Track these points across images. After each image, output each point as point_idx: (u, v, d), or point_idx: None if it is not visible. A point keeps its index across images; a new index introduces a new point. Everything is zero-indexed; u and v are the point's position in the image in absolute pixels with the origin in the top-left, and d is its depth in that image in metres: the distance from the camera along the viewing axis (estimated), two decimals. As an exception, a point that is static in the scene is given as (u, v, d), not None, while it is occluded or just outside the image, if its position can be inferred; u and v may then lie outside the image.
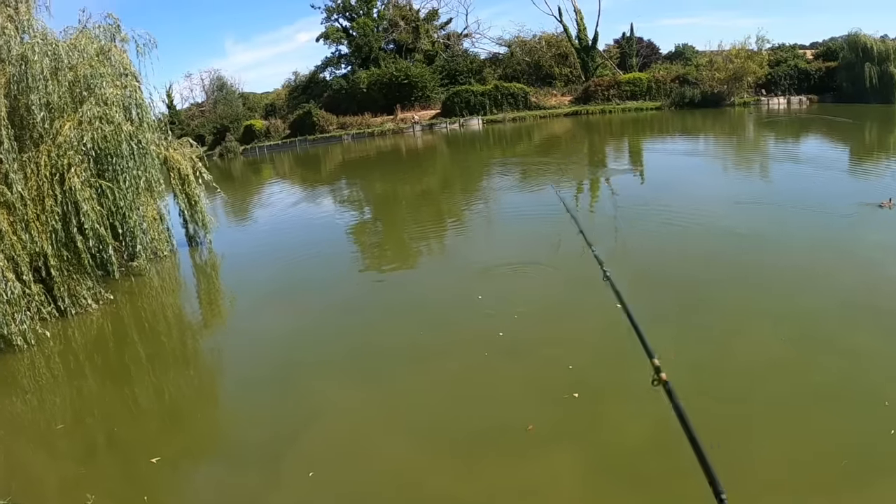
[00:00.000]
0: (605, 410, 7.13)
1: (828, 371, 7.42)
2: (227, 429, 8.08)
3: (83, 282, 12.23)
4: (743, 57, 43.89)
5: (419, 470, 6.49)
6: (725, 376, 7.54)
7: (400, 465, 6.56)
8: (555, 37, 55.19)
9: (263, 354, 9.96)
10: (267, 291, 13.14)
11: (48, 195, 11.63)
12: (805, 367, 7.60)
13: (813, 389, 7.09)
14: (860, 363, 7.46)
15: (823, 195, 16.30)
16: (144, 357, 10.55)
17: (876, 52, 39.46)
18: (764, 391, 7.08)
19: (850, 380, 7.16)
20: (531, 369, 8.20)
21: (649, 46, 60.15)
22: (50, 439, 8.08)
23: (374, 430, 7.29)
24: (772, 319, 8.88)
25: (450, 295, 11.51)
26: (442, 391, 8.04)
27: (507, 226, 16.97)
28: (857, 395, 6.85)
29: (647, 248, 13.03)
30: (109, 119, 12.38)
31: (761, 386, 7.19)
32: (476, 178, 27.32)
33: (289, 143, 50.41)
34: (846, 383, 7.10)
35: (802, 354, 7.91)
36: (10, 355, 10.43)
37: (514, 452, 6.48)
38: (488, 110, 49.16)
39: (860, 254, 11.47)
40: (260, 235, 19.88)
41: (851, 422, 6.36)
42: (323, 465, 6.68)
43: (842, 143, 27.50)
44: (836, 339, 8.17)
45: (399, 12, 57.14)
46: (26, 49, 12.04)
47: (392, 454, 6.75)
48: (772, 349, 8.02)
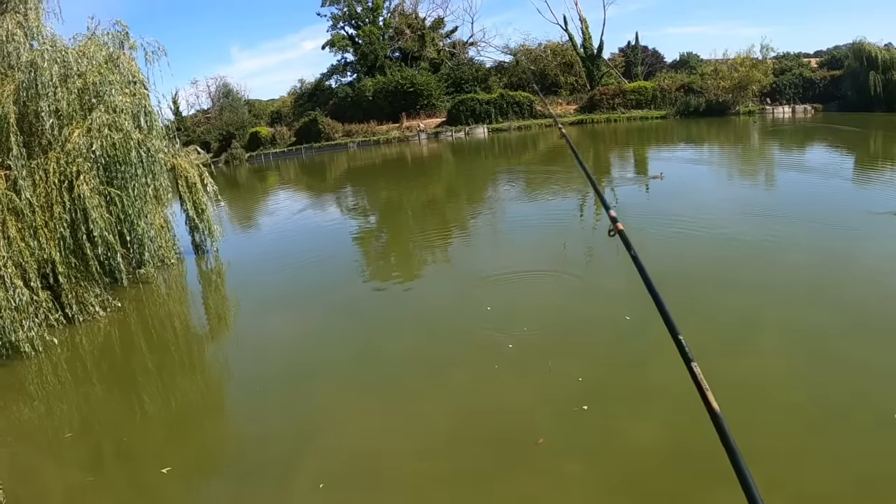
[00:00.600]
0: (615, 423, 7.07)
1: (837, 387, 7.35)
2: (235, 438, 8.02)
3: (91, 289, 12.24)
4: (748, 66, 43.90)
5: (429, 484, 6.42)
6: (732, 390, 7.49)
7: (410, 479, 6.49)
8: (560, 45, 55.35)
9: (270, 363, 9.91)
10: (273, 299, 13.13)
11: (57, 202, 11.64)
12: (813, 383, 7.54)
13: (823, 405, 7.02)
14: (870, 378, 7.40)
15: (832, 205, 16.26)
16: (152, 365, 10.51)
17: (881, 61, 39.46)
18: (771, 405, 7.03)
19: (860, 396, 7.09)
20: (540, 381, 8.13)
21: (654, 55, 60.21)
22: (58, 447, 8.05)
23: (383, 441, 7.24)
24: (780, 332, 8.82)
25: (457, 305, 11.47)
26: (451, 402, 7.98)
27: (514, 234, 16.94)
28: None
29: (654, 255, 13.00)
30: (118, 127, 12.40)
31: (769, 400, 7.14)
32: (482, 186, 27.33)
33: (294, 151, 50.53)
34: (856, 399, 7.02)
35: (809, 368, 7.85)
36: (18, 362, 10.42)
37: (525, 466, 6.42)
38: (494, 119, 49.25)
39: (870, 265, 11.39)
40: (266, 242, 19.90)
41: (862, 439, 6.27)
42: (333, 477, 6.61)
43: (849, 151, 27.42)
44: (847, 353, 8.11)
45: (405, 20, 57.37)
46: (36, 56, 12.09)
47: (402, 466, 6.69)
48: (779, 363, 7.97)
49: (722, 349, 8.31)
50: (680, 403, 7.14)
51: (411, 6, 58.99)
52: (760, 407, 6.89)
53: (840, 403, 6.97)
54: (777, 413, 6.84)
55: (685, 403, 7.05)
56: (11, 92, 11.89)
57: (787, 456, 6.04)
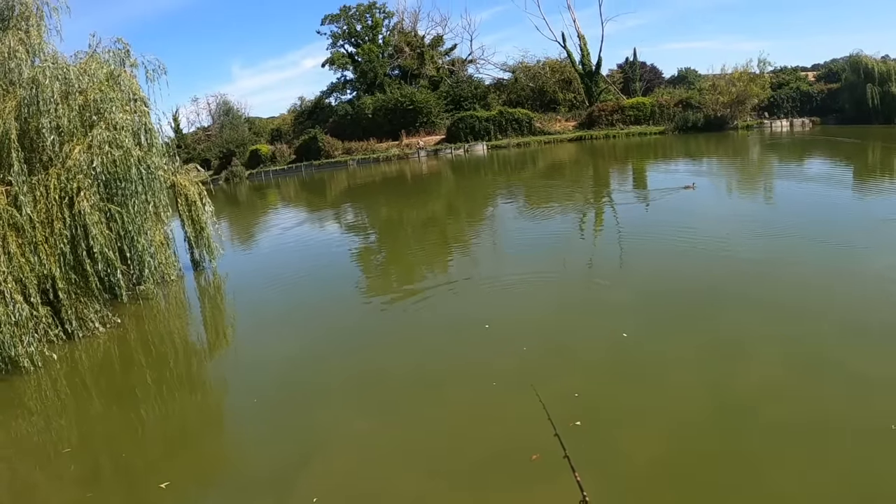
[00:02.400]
0: (609, 438, 7.01)
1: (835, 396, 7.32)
2: (233, 454, 8.00)
3: (91, 305, 12.23)
4: (745, 80, 44.25)
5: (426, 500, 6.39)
6: (731, 399, 7.47)
7: (405, 496, 6.47)
8: (559, 62, 55.85)
9: (268, 378, 9.88)
10: (271, 316, 13.12)
11: (57, 218, 11.66)
12: (812, 393, 7.51)
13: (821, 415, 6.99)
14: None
15: (834, 215, 16.31)
16: (151, 381, 10.46)
17: (877, 73, 39.74)
18: (769, 417, 7.00)
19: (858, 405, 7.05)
20: (536, 398, 8.03)
21: (652, 71, 60.67)
22: (56, 462, 8.01)
23: (378, 458, 7.21)
24: (779, 343, 8.79)
25: (455, 321, 11.44)
26: (447, 420, 7.92)
27: (513, 252, 16.87)
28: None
29: (656, 267, 13.02)
30: (119, 143, 12.45)
31: (766, 412, 7.11)
32: (481, 204, 27.37)
33: (294, 168, 50.76)
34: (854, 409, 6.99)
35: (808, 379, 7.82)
36: (17, 377, 10.39)
37: (520, 483, 6.38)
38: (493, 136, 49.48)
39: (873, 274, 11.36)
40: (265, 259, 19.91)
41: (861, 448, 6.24)
42: (328, 494, 6.57)
43: (848, 163, 27.52)
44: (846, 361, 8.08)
45: (404, 38, 57.88)
46: (37, 72, 12.17)
47: (398, 484, 6.66)
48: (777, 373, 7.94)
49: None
50: (674, 418, 7.14)
51: (410, 24, 59.70)
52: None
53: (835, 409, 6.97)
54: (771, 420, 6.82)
55: (679, 418, 7.09)
56: (13, 108, 11.96)
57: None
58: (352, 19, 57.41)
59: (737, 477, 5.99)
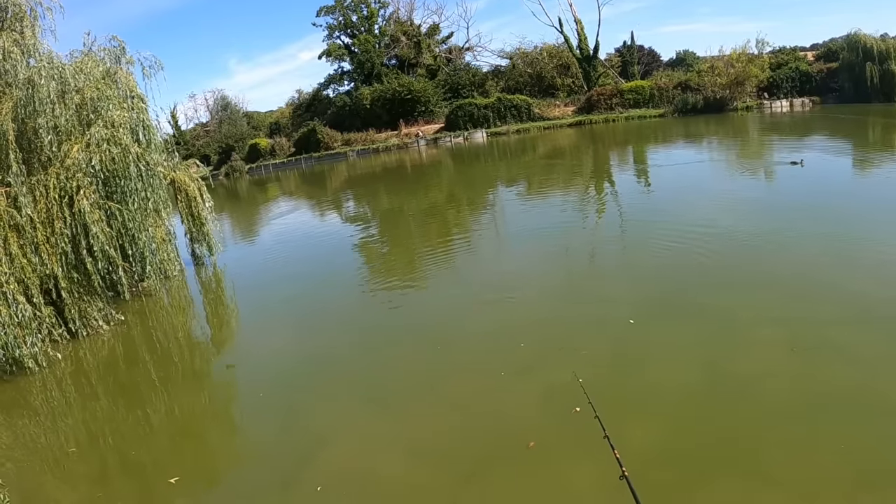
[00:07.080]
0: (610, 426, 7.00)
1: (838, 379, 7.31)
2: (239, 450, 8.05)
3: (93, 303, 12.25)
4: (744, 61, 43.96)
5: (428, 492, 6.42)
6: (733, 383, 7.46)
7: (407, 486, 6.50)
8: (556, 48, 55.58)
9: (273, 374, 9.91)
10: (275, 311, 13.15)
11: (57, 217, 11.66)
12: (815, 375, 7.50)
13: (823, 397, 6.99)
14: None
15: (836, 197, 16.25)
16: (156, 378, 10.51)
17: (876, 52, 39.40)
18: (773, 399, 7.00)
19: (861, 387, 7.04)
20: (538, 388, 8.03)
21: (650, 54, 60.31)
22: (64, 462, 8.06)
23: (383, 448, 7.25)
24: (781, 326, 8.76)
25: (458, 314, 11.41)
26: (448, 412, 7.93)
27: (515, 241, 16.83)
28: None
29: (658, 262, 12.99)
30: (117, 141, 12.43)
31: (769, 393, 7.12)
32: (482, 191, 27.31)
33: (294, 161, 50.73)
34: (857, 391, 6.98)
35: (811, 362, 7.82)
36: (22, 378, 10.44)
37: (520, 470, 6.41)
38: (492, 123, 49.33)
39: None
40: (266, 253, 19.86)
41: (864, 430, 6.24)
42: (333, 486, 6.61)
43: (849, 140, 27.43)
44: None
45: (400, 28, 57.56)
46: (33, 73, 12.14)
47: (400, 475, 6.69)
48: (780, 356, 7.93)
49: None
50: (674, 405, 7.14)
51: (406, 13, 59.30)
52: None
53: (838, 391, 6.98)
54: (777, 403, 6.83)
55: (679, 405, 7.09)
56: (9, 109, 11.93)
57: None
58: (347, 10, 57.04)
59: (737, 456, 6.03)
